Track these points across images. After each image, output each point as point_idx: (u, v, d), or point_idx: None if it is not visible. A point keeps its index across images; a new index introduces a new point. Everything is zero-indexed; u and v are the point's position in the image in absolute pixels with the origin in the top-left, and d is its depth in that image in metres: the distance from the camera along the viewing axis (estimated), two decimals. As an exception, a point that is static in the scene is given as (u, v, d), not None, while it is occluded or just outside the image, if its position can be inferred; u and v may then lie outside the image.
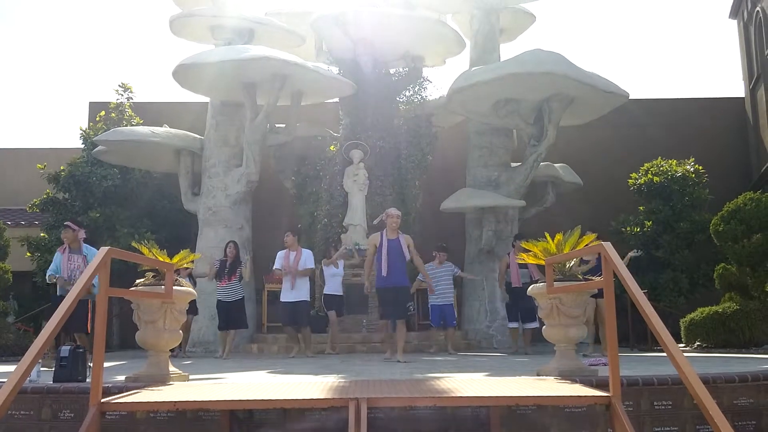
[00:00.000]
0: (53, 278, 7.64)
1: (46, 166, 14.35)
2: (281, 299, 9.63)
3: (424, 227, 13.42)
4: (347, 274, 11.54)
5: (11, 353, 10.40)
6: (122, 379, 4.96)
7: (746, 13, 16.77)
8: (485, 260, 12.80)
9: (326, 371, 6.25)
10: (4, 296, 12.91)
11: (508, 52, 14.25)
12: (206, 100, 13.84)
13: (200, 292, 10.47)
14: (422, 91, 13.89)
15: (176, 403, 3.72)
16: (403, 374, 5.67)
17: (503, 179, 12.98)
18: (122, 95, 15.49)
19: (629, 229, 13.49)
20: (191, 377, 5.42)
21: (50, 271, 7.72)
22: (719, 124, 16.69)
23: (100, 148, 13.36)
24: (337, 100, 13.96)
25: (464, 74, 12.13)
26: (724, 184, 14.88)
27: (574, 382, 4.43)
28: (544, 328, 5.14)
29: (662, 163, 14.01)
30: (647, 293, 11.32)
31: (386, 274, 7.67)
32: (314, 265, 9.82)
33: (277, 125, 13.23)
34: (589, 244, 4.88)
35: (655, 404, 4.49)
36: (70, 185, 13.98)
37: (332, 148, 13.50)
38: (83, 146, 14.63)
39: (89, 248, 7.83)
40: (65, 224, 8.00)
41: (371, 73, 13.06)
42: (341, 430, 3.88)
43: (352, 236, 12.12)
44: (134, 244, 5.40)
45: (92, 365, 3.84)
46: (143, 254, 4.99)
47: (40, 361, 5.50)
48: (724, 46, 44.66)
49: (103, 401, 3.71)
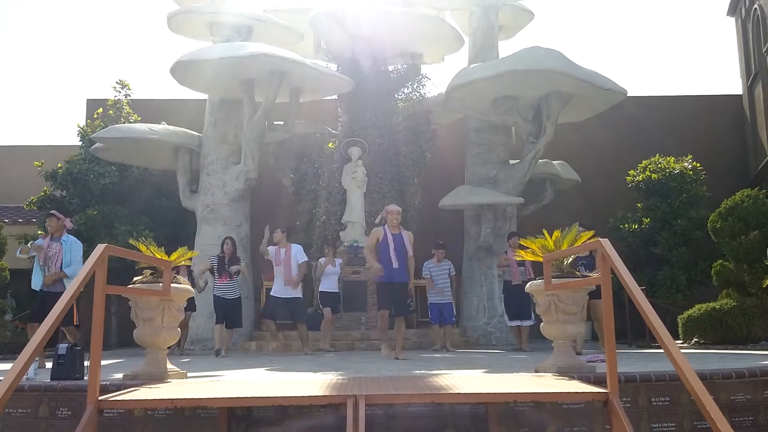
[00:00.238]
0: (25, 250, 7.64)
1: (43, 163, 14.32)
2: (272, 293, 9.60)
3: (422, 224, 13.42)
4: (346, 271, 11.55)
5: (9, 351, 10.40)
6: (120, 376, 4.95)
7: (744, 10, 16.77)
8: (483, 257, 12.80)
9: (325, 368, 6.25)
10: (1, 294, 12.90)
11: (506, 49, 14.25)
12: (204, 97, 13.83)
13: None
14: (421, 88, 13.88)
15: (174, 400, 3.72)
16: (401, 371, 5.67)
17: (502, 176, 12.98)
18: (120, 92, 15.48)
19: (627, 226, 13.51)
20: (189, 375, 5.41)
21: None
22: (717, 121, 16.71)
23: (97, 145, 13.34)
24: (335, 97, 13.96)
25: (463, 71, 12.12)
26: (721, 181, 14.90)
27: (572, 378, 4.44)
28: (542, 324, 5.14)
29: (660, 160, 14.03)
30: (645, 290, 11.33)
31: (398, 266, 7.64)
32: (306, 257, 9.79)
33: (275, 122, 13.22)
34: (586, 241, 4.89)
35: (652, 400, 4.49)
36: (67, 183, 13.96)
37: (331, 145, 13.50)
38: (81, 143, 14.61)
39: (69, 237, 7.74)
40: (50, 213, 7.95)
41: (370, 70, 13.05)
42: (340, 427, 3.88)
43: (350, 233, 12.13)
44: (132, 241, 5.38)
45: (89, 363, 3.82)
46: (141, 252, 4.99)
47: (37, 359, 5.51)
48: (721, 43, 44.68)
49: (100, 399, 3.71)
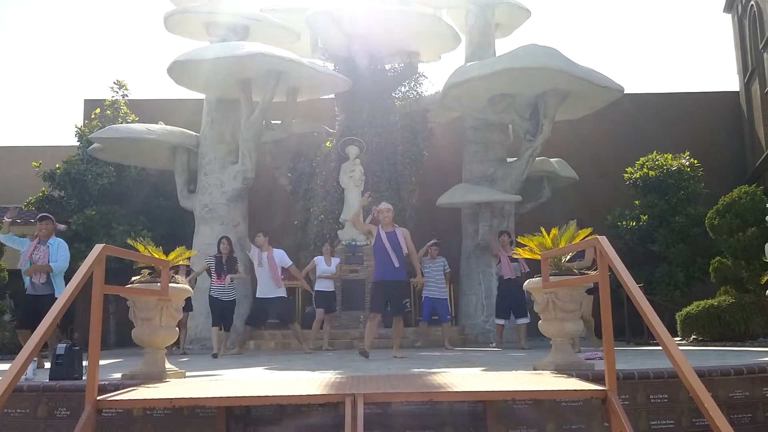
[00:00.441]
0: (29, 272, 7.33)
1: (41, 163, 14.30)
2: (257, 296, 9.53)
3: (419, 223, 13.43)
4: (344, 270, 11.55)
5: (8, 351, 10.39)
6: (119, 376, 4.95)
7: (740, 6, 16.78)
8: (481, 255, 12.81)
9: (323, 367, 6.26)
10: (0, 294, 12.87)
11: (503, 47, 14.29)
12: (202, 97, 13.81)
13: (198, 289, 10.52)
14: (418, 86, 13.87)
15: (172, 400, 3.72)
16: (399, 370, 5.67)
17: (499, 174, 12.98)
18: (117, 92, 15.46)
19: (625, 223, 13.53)
20: (188, 374, 5.41)
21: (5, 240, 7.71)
22: (714, 118, 16.72)
23: (95, 145, 13.32)
24: (332, 96, 13.95)
25: (460, 70, 12.11)
26: (719, 177, 14.92)
27: (570, 376, 4.44)
28: (540, 322, 5.15)
29: (657, 157, 14.04)
30: (643, 287, 11.34)
31: (398, 265, 7.52)
32: (291, 261, 9.71)
33: (272, 122, 13.21)
34: (584, 238, 4.89)
35: (651, 398, 4.50)
36: (65, 183, 13.94)
37: (328, 144, 13.50)
38: (79, 144, 14.59)
39: (56, 239, 7.47)
40: (47, 216, 7.57)
41: (367, 68, 13.05)
42: (338, 425, 3.88)
43: (348, 232, 12.14)
44: (130, 241, 5.37)
45: (88, 363, 3.82)
46: (139, 251, 4.99)
47: (35, 359, 5.51)
48: (718, 39, 44.73)
49: (99, 399, 3.71)
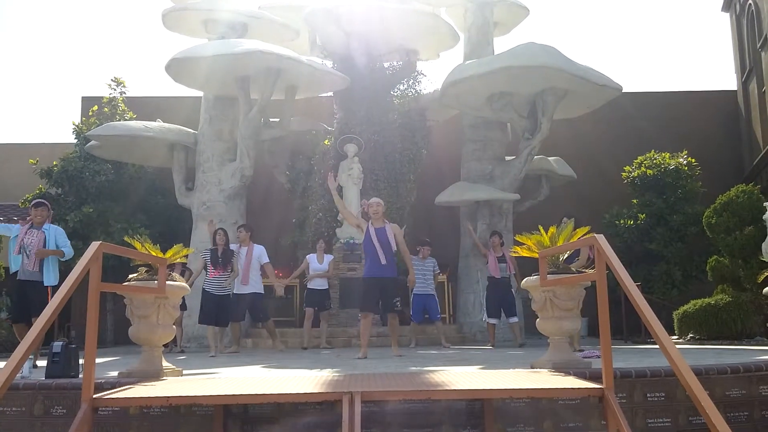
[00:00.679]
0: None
1: (38, 161, 14.28)
2: (233, 291, 9.31)
3: (417, 221, 13.43)
4: (342, 268, 11.54)
5: (4, 349, 10.38)
6: (115, 374, 4.94)
7: (738, 5, 16.79)
8: (479, 254, 12.77)
9: (320, 365, 6.25)
10: (-4, 292, 12.85)
11: (502, 45, 14.28)
12: (200, 94, 13.79)
13: (195, 287, 10.49)
14: (416, 84, 13.87)
15: (169, 398, 3.71)
16: (397, 368, 5.67)
17: (497, 173, 12.98)
18: (115, 90, 15.43)
19: (622, 221, 13.54)
20: (185, 372, 5.40)
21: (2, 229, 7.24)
22: (712, 117, 16.74)
23: (93, 143, 13.30)
24: (331, 94, 13.93)
25: (458, 68, 12.11)
26: (716, 176, 14.94)
27: (567, 374, 4.44)
28: (537, 321, 5.14)
29: (655, 156, 14.06)
30: (640, 286, 11.37)
31: (385, 262, 7.39)
32: (268, 259, 9.53)
33: (271, 119, 13.20)
34: (582, 236, 4.88)
35: (648, 396, 4.50)
36: (62, 180, 13.92)
37: (326, 142, 13.48)
38: (76, 141, 14.56)
39: (50, 225, 7.19)
40: (43, 201, 7.24)
41: (365, 66, 13.03)
42: (336, 423, 3.88)
43: (346, 230, 12.12)
44: (127, 239, 5.36)
45: (84, 360, 3.81)
46: (136, 249, 4.97)
47: (31, 357, 5.50)
48: (716, 38, 44.76)
49: (95, 397, 3.70)
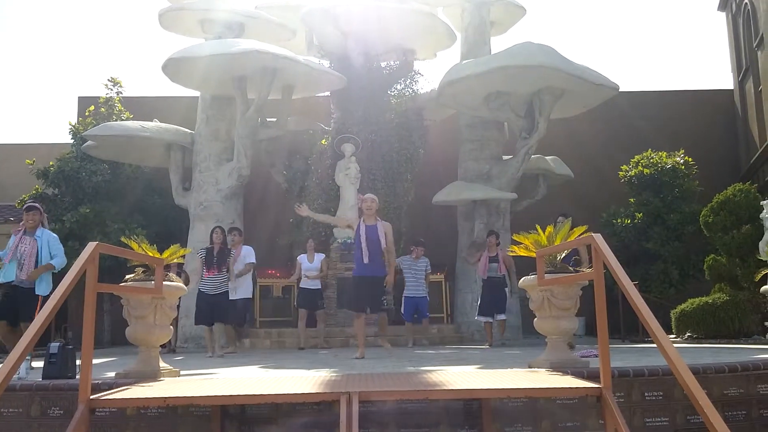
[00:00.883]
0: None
1: (35, 161, 14.25)
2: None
3: (415, 220, 13.43)
4: (340, 268, 11.52)
5: (0, 350, 10.33)
6: (112, 375, 4.93)
7: (734, 5, 16.81)
8: (477, 253, 12.79)
9: (318, 365, 6.25)
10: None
11: (498, 45, 14.28)
12: (197, 94, 13.77)
13: (191, 287, 10.46)
14: (413, 84, 13.86)
15: (166, 398, 3.70)
16: (395, 368, 5.67)
17: (495, 172, 12.98)
18: (112, 90, 15.40)
19: (620, 221, 13.55)
20: (182, 373, 5.39)
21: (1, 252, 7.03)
22: (708, 116, 16.76)
23: (89, 143, 13.27)
24: (328, 93, 13.92)
25: (455, 67, 12.11)
26: (713, 175, 14.97)
27: (565, 373, 4.44)
28: (535, 320, 5.14)
29: (652, 155, 14.08)
30: (638, 285, 11.37)
31: (368, 261, 7.26)
32: (254, 260, 9.49)
33: (268, 119, 13.18)
34: (579, 236, 4.89)
35: (646, 395, 4.51)
36: (59, 181, 13.89)
37: (323, 141, 13.47)
38: (73, 141, 14.53)
39: (44, 231, 7.00)
40: (35, 206, 7.03)
41: (362, 66, 13.02)
42: (333, 424, 3.87)
43: (343, 230, 12.11)
44: (124, 239, 5.34)
45: (81, 361, 3.80)
46: (133, 249, 4.95)
47: (28, 357, 5.48)
48: (712, 38, 44.86)
49: (92, 398, 3.69)
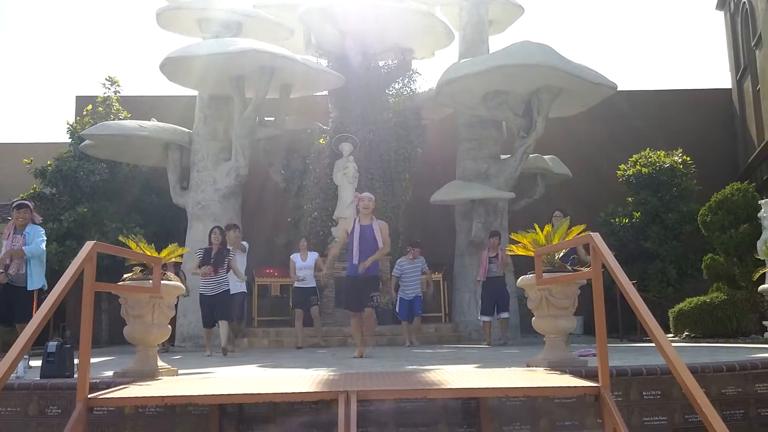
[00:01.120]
0: None
1: (32, 160, 14.22)
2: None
3: (413, 219, 13.43)
4: (337, 267, 11.50)
5: (-2, 349, 10.32)
6: (110, 374, 4.92)
7: (733, 4, 16.83)
8: (475, 252, 12.79)
9: (316, 365, 6.24)
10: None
11: (497, 44, 14.23)
12: (194, 93, 13.75)
13: (193, 286, 10.44)
14: (411, 83, 13.87)
15: (164, 398, 3.70)
16: (393, 367, 5.67)
17: (493, 171, 12.98)
18: (109, 89, 15.36)
19: (618, 220, 13.56)
20: (180, 372, 5.39)
21: None
22: (707, 115, 16.77)
23: (87, 142, 13.25)
24: (326, 93, 13.91)
25: (453, 66, 12.11)
26: (711, 174, 14.97)
27: (563, 372, 4.44)
28: (533, 319, 5.15)
29: (650, 154, 14.09)
30: (636, 284, 11.38)
31: (358, 262, 7.14)
32: (246, 243, 9.58)
33: (266, 118, 13.16)
34: (578, 235, 4.89)
35: (644, 394, 4.51)
36: (57, 180, 13.86)
37: (321, 141, 13.46)
38: (70, 140, 14.50)
39: (33, 227, 6.75)
40: (24, 203, 6.80)
41: (360, 65, 13.01)
42: (332, 423, 3.87)
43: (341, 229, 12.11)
44: (122, 238, 5.33)
45: (79, 360, 3.79)
46: (130, 249, 4.95)
47: (26, 356, 5.47)
48: (710, 37, 44.91)
49: (90, 397, 3.68)
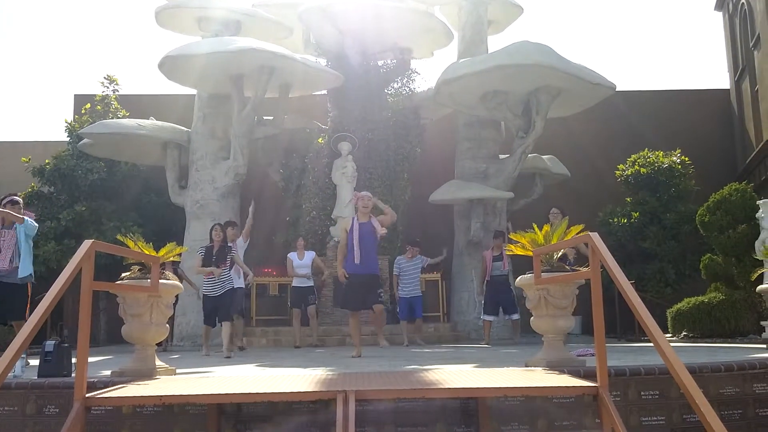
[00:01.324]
0: None
1: (30, 159, 14.21)
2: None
3: (412, 219, 13.42)
4: (336, 266, 11.49)
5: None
6: (108, 373, 4.92)
7: (731, 5, 16.84)
8: (473, 252, 12.80)
9: (314, 364, 6.24)
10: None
11: (496, 44, 14.28)
12: (193, 92, 13.74)
13: (186, 285, 10.43)
14: (410, 83, 13.87)
15: (162, 397, 3.69)
16: (391, 366, 5.66)
17: (491, 171, 12.99)
18: (108, 87, 15.35)
19: (616, 220, 13.56)
20: (178, 371, 5.38)
21: None
22: (705, 115, 16.78)
23: (85, 141, 13.24)
24: (324, 92, 13.90)
25: (452, 66, 12.10)
26: (709, 175, 14.99)
27: (562, 372, 4.44)
28: (532, 319, 5.14)
29: (649, 154, 14.09)
30: (634, 284, 11.39)
31: (359, 261, 7.19)
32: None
33: (264, 117, 13.16)
34: (576, 235, 4.89)
35: (642, 394, 4.51)
36: (55, 179, 13.85)
37: (320, 140, 13.45)
38: (69, 139, 14.50)
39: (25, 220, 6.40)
40: (15, 199, 6.48)
41: (359, 65, 13.01)
42: (330, 422, 3.87)
43: (339, 229, 12.10)
44: (120, 237, 5.32)
45: (77, 360, 3.78)
46: (129, 247, 4.94)
47: (23, 356, 5.46)
48: (709, 37, 44.95)
49: (87, 396, 3.68)
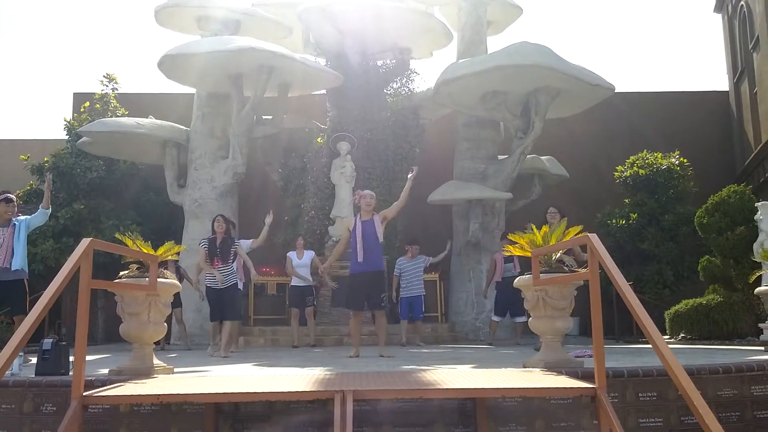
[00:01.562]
0: None
1: (29, 157, 14.20)
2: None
3: (411, 219, 13.42)
4: (335, 267, 11.50)
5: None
6: (106, 372, 4.91)
7: (730, 7, 16.86)
8: (471, 252, 12.82)
9: (312, 364, 6.23)
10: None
11: (495, 44, 14.29)
12: (192, 91, 13.73)
13: (186, 284, 10.42)
14: (410, 83, 13.89)
15: (160, 396, 3.68)
16: (389, 366, 5.66)
17: (490, 171, 12.99)
18: (107, 86, 15.35)
19: (615, 221, 13.57)
20: (176, 370, 5.37)
21: None
22: (704, 117, 16.80)
23: (84, 139, 13.23)
24: (324, 91, 13.90)
25: (451, 66, 12.11)
26: (708, 176, 15.00)
27: (560, 373, 4.44)
28: (530, 320, 5.14)
29: (647, 156, 14.10)
30: (632, 285, 11.38)
31: (362, 259, 7.10)
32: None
33: (263, 117, 13.15)
34: (575, 236, 4.89)
35: (640, 395, 4.51)
36: (54, 177, 13.81)
37: (319, 140, 13.45)
38: (68, 137, 14.49)
39: (20, 218, 6.53)
40: (10, 197, 6.46)
41: (359, 64, 13.01)
42: (327, 422, 3.87)
43: (339, 229, 12.10)
44: (118, 236, 5.31)
45: (74, 358, 3.77)
46: (127, 246, 4.93)
47: (21, 353, 5.45)
48: (708, 39, 45.00)
49: (85, 394, 3.67)
